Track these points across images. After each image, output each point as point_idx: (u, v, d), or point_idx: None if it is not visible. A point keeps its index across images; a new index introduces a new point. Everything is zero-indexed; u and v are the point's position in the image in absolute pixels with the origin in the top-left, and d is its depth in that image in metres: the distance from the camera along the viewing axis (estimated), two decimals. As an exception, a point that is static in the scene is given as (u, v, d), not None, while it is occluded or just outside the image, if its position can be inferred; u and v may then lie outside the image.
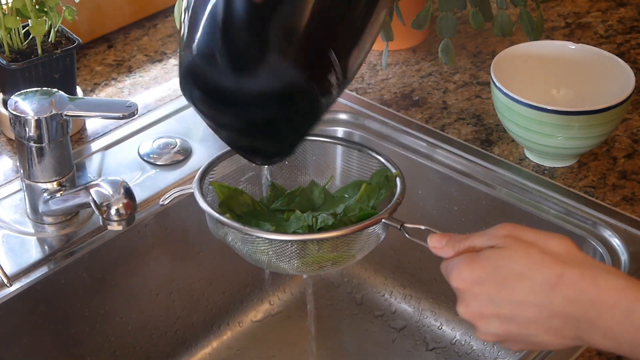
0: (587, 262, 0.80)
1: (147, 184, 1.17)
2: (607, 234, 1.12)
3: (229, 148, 1.02)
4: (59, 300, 1.10)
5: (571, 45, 1.25)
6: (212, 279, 1.25)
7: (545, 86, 1.24)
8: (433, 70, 1.37)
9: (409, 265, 1.31)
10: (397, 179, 1.02)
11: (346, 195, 1.06)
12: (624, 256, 1.10)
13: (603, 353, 0.97)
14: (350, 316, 1.32)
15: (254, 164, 1.04)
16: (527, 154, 1.22)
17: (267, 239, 0.95)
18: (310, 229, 1.00)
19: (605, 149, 1.23)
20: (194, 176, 1.19)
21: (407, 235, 0.94)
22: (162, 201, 1.03)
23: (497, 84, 1.16)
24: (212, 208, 1.00)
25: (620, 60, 1.20)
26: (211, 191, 1.03)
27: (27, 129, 1.04)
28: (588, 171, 1.20)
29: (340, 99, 1.31)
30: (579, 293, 0.78)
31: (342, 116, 1.30)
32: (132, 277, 1.17)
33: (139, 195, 1.12)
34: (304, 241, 0.95)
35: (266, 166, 1.06)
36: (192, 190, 0.99)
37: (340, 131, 1.29)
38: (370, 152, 1.06)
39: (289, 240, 0.94)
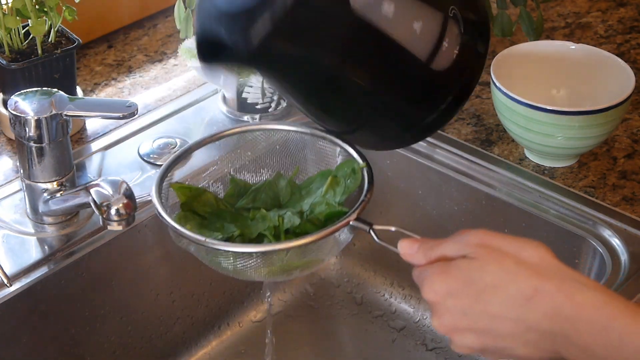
0: (563, 273, 0.78)
1: (147, 184, 1.17)
2: (607, 234, 1.12)
3: (184, 148, 1.01)
4: (59, 300, 1.10)
5: (571, 45, 1.25)
6: (212, 279, 1.25)
7: (545, 86, 1.24)
8: (433, 70, 1.37)
9: (408, 265, 1.31)
10: (364, 172, 0.98)
11: (313, 187, 1.02)
12: (624, 256, 1.10)
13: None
14: (350, 316, 1.32)
15: (213, 160, 1.02)
16: (527, 154, 1.22)
17: (229, 251, 0.92)
18: (276, 230, 0.96)
19: (605, 149, 1.23)
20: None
21: (376, 238, 0.90)
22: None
23: (497, 84, 1.16)
24: (174, 212, 0.97)
25: (620, 60, 1.20)
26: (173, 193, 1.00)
27: (27, 129, 1.04)
28: (588, 171, 1.20)
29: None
30: (556, 308, 0.76)
31: (342, 116, 1.29)
32: (132, 277, 1.17)
33: (139, 195, 1.12)
34: (267, 252, 0.91)
35: (228, 161, 1.04)
36: (150, 197, 0.96)
37: (340, 131, 1.29)
38: (336, 141, 1.01)
39: (253, 252, 0.91)
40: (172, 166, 1.00)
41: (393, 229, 0.89)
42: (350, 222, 0.92)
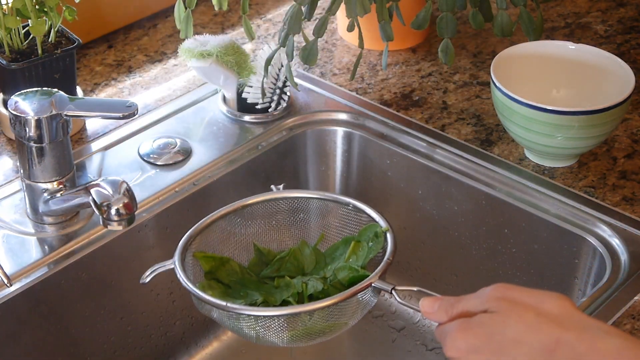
0: (584, 323, 0.77)
1: (147, 184, 1.17)
2: (607, 234, 1.12)
3: (209, 215, 1.01)
4: (59, 300, 1.10)
5: (571, 45, 1.25)
6: (212, 279, 1.25)
7: (545, 86, 1.24)
8: (433, 70, 1.37)
9: (408, 265, 1.31)
10: (388, 235, 0.98)
11: (337, 253, 1.03)
12: (624, 256, 1.10)
13: None
14: (350, 316, 1.32)
15: (237, 229, 1.02)
16: (527, 154, 1.22)
17: (251, 315, 0.92)
18: (300, 296, 0.97)
19: (605, 149, 1.23)
20: (194, 176, 1.19)
21: (397, 299, 0.91)
22: (143, 280, 0.98)
23: (497, 84, 1.16)
24: (197, 279, 0.97)
25: (620, 60, 1.20)
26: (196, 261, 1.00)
27: (27, 129, 1.04)
28: (588, 171, 1.20)
29: (340, 99, 1.31)
30: (578, 357, 0.76)
31: (342, 116, 1.30)
32: (132, 277, 1.16)
33: (139, 195, 1.12)
34: (291, 315, 0.91)
35: (253, 228, 1.04)
36: (173, 266, 0.96)
37: (340, 131, 1.29)
38: (360, 207, 1.02)
39: (275, 315, 0.91)
40: (195, 235, 1.00)
41: (415, 289, 0.90)
42: (373, 284, 0.93)
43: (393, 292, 0.92)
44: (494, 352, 0.78)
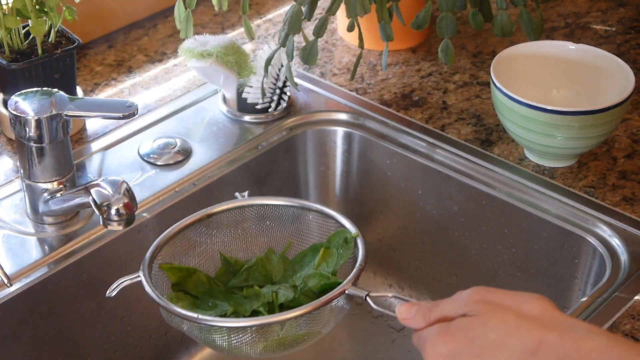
0: (566, 323, 0.77)
1: (147, 184, 1.17)
2: (607, 234, 1.12)
3: (174, 225, 1.00)
4: (59, 300, 1.10)
5: (571, 45, 1.25)
6: (212, 279, 1.25)
7: (545, 86, 1.24)
8: (433, 70, 1.37)
9: (408, 265, 1.31)
10: (358, 240, 0.97)
11: (306, 261, 1.02)
12: (623, 256, 1.10)
13: None
14: (350, 316, 1.32)
15: (203, 238, 1.01)
16: (527, 154, 1.22)
17: (223, 327, 0.90)
18: (271, 306, 0.96)
19: (605, 149, 1.23)
20: (194, 176, 1.19)
21: (373, 305, 0.89)
22: (109, 293, 0.97)
23: (497, 84, 1.16)
24: (164, 291, 0.96)
25: (620, 60, 1.20)
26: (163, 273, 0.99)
27: (27, 129, 1.04)
28: (588, 171, 1.20)
29: (340, 99, 1.31)
30: (561, 358, 0.75)
31: (342, 116, 1.30)
32: (132, 277, 1.17)
33: (139, 195, 1.12)
34: (265, 325, 0.90)
35: (219, 237, 1.03)
36: (140, 278, 0.95)
37: (340, 131, 1.29)
38: (327, 212, 1.01)
39: (247, 326, 0.90)
40: (161, 246, 0.99)
41: (390, 295, 0.88)
42: (347, 291, 0.92)
43: (367, 298, 0.90)
44: (475, 355, 0.77)
